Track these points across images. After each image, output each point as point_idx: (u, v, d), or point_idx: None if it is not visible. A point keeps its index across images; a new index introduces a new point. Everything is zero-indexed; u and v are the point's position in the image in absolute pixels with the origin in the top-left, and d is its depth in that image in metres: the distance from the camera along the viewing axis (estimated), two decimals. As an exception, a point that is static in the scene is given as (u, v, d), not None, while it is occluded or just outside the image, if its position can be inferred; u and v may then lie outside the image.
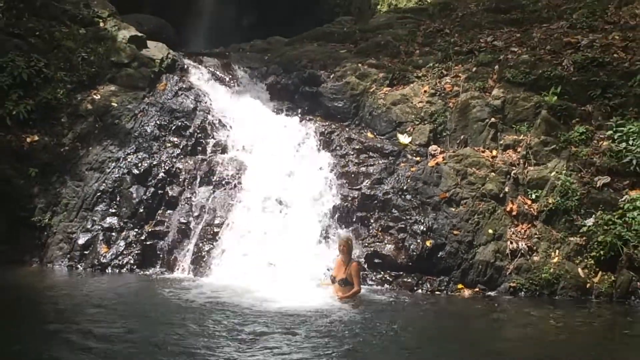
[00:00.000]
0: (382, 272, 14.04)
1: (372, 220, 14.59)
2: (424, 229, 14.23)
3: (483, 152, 15.15)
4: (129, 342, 9.86)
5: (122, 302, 12.12)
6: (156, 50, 17.33)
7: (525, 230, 14.21)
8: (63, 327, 10.59)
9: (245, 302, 11.89)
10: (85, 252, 14.47)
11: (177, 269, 14.26)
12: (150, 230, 14.69)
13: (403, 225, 14.36)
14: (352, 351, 9.97)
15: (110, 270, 14.16)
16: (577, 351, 10.65)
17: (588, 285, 13.64)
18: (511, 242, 14.03)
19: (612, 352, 10.79)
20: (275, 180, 14.92)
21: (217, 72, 17.96)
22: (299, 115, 16.91)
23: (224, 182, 15.16)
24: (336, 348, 9.93)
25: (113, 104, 16.00)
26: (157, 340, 9.84)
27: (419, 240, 14.12)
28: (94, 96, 16.09)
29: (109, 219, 14.79)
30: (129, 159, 15.38)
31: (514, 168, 14.78)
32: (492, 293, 13.75)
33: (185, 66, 17.47)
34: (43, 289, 13.03)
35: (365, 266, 13.95)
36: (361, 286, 12.54)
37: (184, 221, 14.71)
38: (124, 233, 14.64)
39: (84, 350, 9.47)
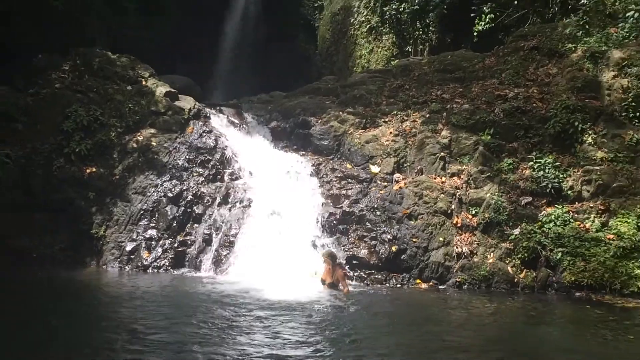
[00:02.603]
0: (358, 271, 14.09)
1: (350, 231, 14.63)
2: (391, 237, 14.32)
3: (435, 178, 15.22)
4: (166, 320, 10.04)
5: (160, 294, 12.31)
6: (185, 102, 17.40)
7: (467, 238, 14.28)
8: (115, 311, 10.82)
9: (253, 294, 11.97)
10: (132, 257, 14.47)
11: (202, 269, 14.24)
12: (181, 239, 14.66)
13: (374, 235, 14.45)
14: (337, 325, 10.13)
15: (150, 271, 14.18)
16: (504, 329, 10.91)
17: (515, 280, 13.76)
18: (457, 247, 14.15)
19: (529, 328, 11.05)
20: (277, 201, 14.90)
21: (232, 119, 18.05)
22: (295, 151, 16.95)
23: (237, 202, 15.19)
24: (325, 324, 10.10)
25: (153, 143, 16.03)
26: (186, 320, 10.04)
27: (386, 246, 14.21)
28: (138, 137, 16.12)
29: (149, 231, 14.77)
30: (164, 185, 15.40)
31: (458, 191, 14.87)
32: (442, 286, 13.88)
33: (208, 114, 17.53)
34: (100, 285, 13.19)
35: (347, 267, 13.97)
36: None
37: (207, 232, 14.71)
38: (161, 242, 14.62)
39: (132, 329, 9.58)
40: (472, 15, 21.45)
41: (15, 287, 12.54)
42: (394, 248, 14.16)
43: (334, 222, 14.70)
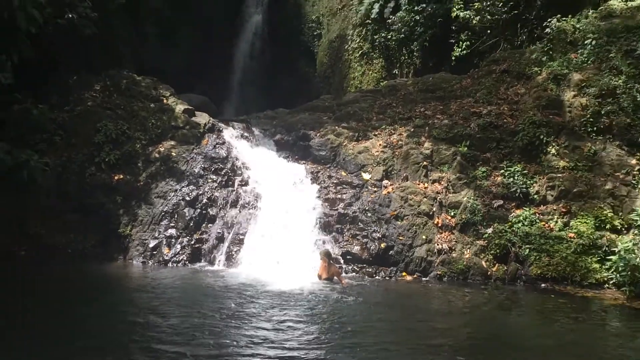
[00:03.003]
0: (352, 265, 14.17)
1: (345, 230, 14.67)
2: (380, 235, 14.39)
3: (418, 184, 15.27)
4: (181, 306, 10.21)
5: (178, 285, 12.55)
6: (201, 118, 17.48)
7: (447, 236, 14.37)
8: (139, 298, 11.04)
9: (259, 285, 12.17)
10: (154, 252, 14.52)
11: (216, 263, 14.32)
12: (197, 237, 14.72)
13: (366, 233, 14.49)
14: (334, 311, 10.28)
15: (170, 265, 14.24)
16: (479, 315, 11.15)
17: (489, 273, 13.87)
18: (437, 244, 14.24)
19: (501, 314, 11.40)
20: (281, 204, 15.00)
21: (242, 132, 18.05)
22: (296, 161, 17.04)
23: (246, 205, 15.27)
24: (324, 312, 10.27)
25: (173, 153, 16.10)
26: (200, 305, 10.35)
27: (376, 243, 14.29)
28: (160, 148, 16.19)
29: (169, 230, 14.81)
30: (183, 190, 15.46)
31: (439, 195, 14.93)
32: (425, 278, 13.95)
33: (221, 128, 17.55)
34: (126, 277, 13.42)
35: (342, 261, 14.13)
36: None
37: (220, 231, 14.78)
38: (179, 239, 14.67)
39: (152, 310, 9.81)
40: (451, 42, 21.65)
41: (53, 279, 12.72)
42: (383, 245, 14.22)
43: (331, 222, 14.73)
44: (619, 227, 13.65)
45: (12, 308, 10.07)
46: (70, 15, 16.47)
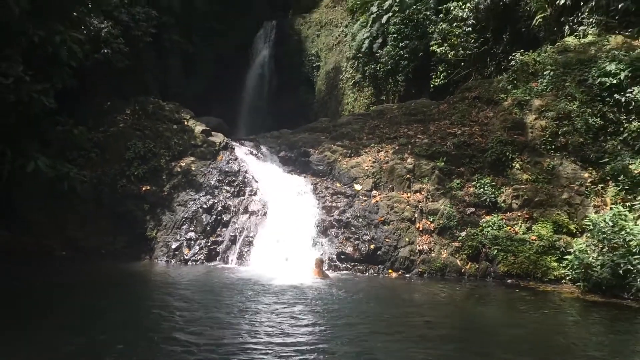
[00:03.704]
0: (345, 263, 14.11)
1: (340, 233, 14.62)
2: (369, 238, 14.35)
3: (402, 194, 15.22)
4: (197, 304, 10.17)
5: (196, 279, 12.54)
6: (217, 137, 17.45)
7: (426, 239, 14.34)
8: (163, 291, 11.05)
9: (266, 280, 12.18)
10: (176, 253, 14.47)
11: (229, 262, 14.27)
12: (213, 240, 14.66)
13: (357, 236, 14.44)
14: (331, 302, 10.25)
15: (189, 263, 14.19)
16: (455, 306, 11.13)
17: (463, 270, 13.87)
18: (419, 246, 14.22)
19: (473, 305, 11.38)
20: (285, 211, 14.89)
21: (251, 149, 18.04)
22: (298, 174, 16.93)
23: (255, 212, 15.17)
24: (322, 301, 10.23)
25: (192, 168, 16.07)
26: (215, 296, 10.33)
27: (366, 245, 14.25)
28: (181, 163, 16.14)
29: (189, 233, 14.74)
30: (201, 199, 15.40)
31: (420, 203, 14.89)
32: (408, 275, 13.91)
33: (233, 146, 17.53)
34: (152, 273, 13.35)
35: (336, 260, 14.10)
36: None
37: (233, 234, 14.72)
38: (198, 241, 14.61)
39: (176, 301, 9.74)
40: (430, 73, 21.78)
41: (90, 276, 12.71)
42: (372, 246, 14.19)
43: (328, 226, 14.70)
44: (574, 231, 13.66)
45: (52, 301, 10.10)
46: (105, 50, 16.60)
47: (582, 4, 16.90)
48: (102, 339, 7.86)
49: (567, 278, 12.95)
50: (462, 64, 20.83)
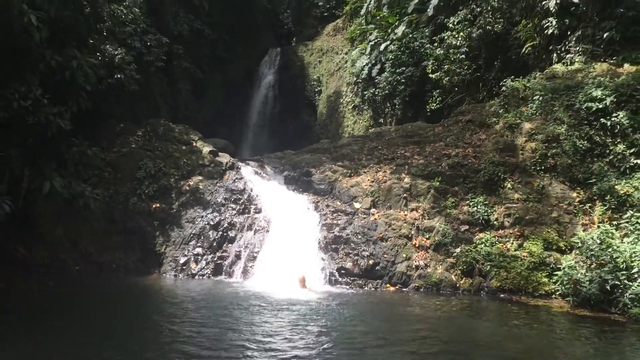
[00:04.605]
0: (345, 278, 14.05)
1: (340, 249, 14.56)
2: (368, 254, 14.31)
3: (400, 212, 15.19)
4: (206, 307, 10.09)
5: (203, 292, 12.53)
6: (223, 157, 17.56)
7: (423, 255, 14.29)
8: (172, 302, 10.99)
9: (268, 294, 12.15)
10: (184, 267, 14.45)
11: (234, 276, 14.24)
12: (219, 255, 14.63)
13: (357, 252, 14.39)
14: (328, 315, 10.19)
15: (197, 277, 14.18)
16: (449, 319, 11.05)
17: (457, 285, 13.82)
18: (415, 261, 14.18)
19: (467, 318, 11.28)
20: (288, 228, 14.86)
21: (256, 169, 18.12)
22: (301, 193, 16.92)
23: (260, 229, 15.17)
24: (319, 313, 10.16)
25: (200, 186, 16.12)
26: (221, 307, 10.27)
27: (365, 260, 14.20)
28: (190, 182, 16.21)
29: (196, 249, 14.75)
30: (208, 216, 15.41)
31: (416, 221, 14.87)
32: (405, 289, 13.85)
33: (239, 166, 17.62)
34: (161, 287, 13.35)
35: (337, 275, 14.03)
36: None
37: (238, 250, 14.71)
38: (205, 256, 14.60)
39: (184, 312, 9.67)
40: (426, 97, 21.88)
41: (102, 288, 12.69)
42: (370, 261, 14.14)
43: (328, 243, 14.65)
44: (563, 248, 13.61)
45: (65, 313, 10.07)
46: (118, 75, 16.71)
47: (569, 33, 17.05)
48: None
49: (557, 293, 12.90)
50: (456, 89, 20.92)
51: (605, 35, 16.03)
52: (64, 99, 12.18)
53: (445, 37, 20.89)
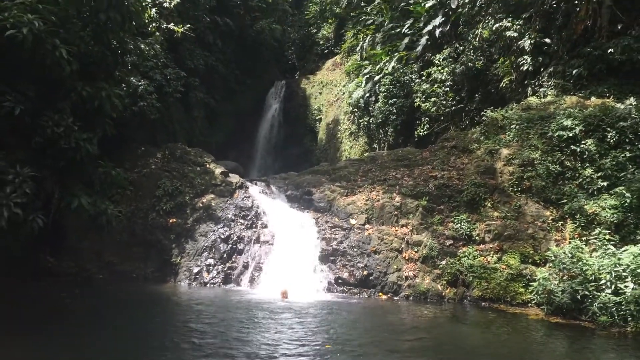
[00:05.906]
0: (342, 287, 14.07)
1: (337, 261, 14.59)
2: (363, 265, 14.31)
3: (391, 228, 15.16)
4: (216, 314, 10.09)
5: (214, 299, 12.50)
6: (233, 178, 17.61)
7: (412, 267, 14.27)
8: (186, 308, 10.96)
9: (271, 301, 12.10)
10: (197, 276, 14.48)
11: (242, 285, 14.27)
12: (229, 265, 14.68)
13: (352, 264, 14.40)
14: (327, 320, 10.19)
15: (208, 286, 14.21)
16: (435, 325, 11.04)
17: (443, 294, 13.74)
18: (405, 272, 14.13)
19: (451, 325, 11.26)
20: (291, 242, 14.93)
21: (262, 189, 18.12)
22: (302, 210, 16.93)
23: (265, 242, 15.21)
24: (319, 317, 10.15)
25: (212, 204, 16.17)
26: (229, 312, 10.26)
27: (360, 271, 14.20)
28: (203, 200, 16.27)
29: (208, 260, 14.78)
30: (219, 231, 15.45)
31: (406, 236, 14.84)
32: (396, 297, 13.80)
33: (247, 186, 17.66)
34: (176, 294, 13.35)
35: (334, 285, 14.05)
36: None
37: (246, 261, 14.75)
38: (215, 267, 14.64)
39: (196, 318, 9.67)
40: (415, 125, 22.08)
41: (124, 295, 12.70)
42: (365, 272, 14.15)
43: (327, 255, 14.67)
44: (538, 261, 13.62)
45: (92, 316, 10.10)
46: (141, 104, 16.92)
47: (542, 69, 17.31)
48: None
49: (533, 302, 12.87)
50: (442, 118, 21.13)
51: (574, 72, 16.27)
52: (92, 126, 12.33)
53: (432, 72, 21.19)
